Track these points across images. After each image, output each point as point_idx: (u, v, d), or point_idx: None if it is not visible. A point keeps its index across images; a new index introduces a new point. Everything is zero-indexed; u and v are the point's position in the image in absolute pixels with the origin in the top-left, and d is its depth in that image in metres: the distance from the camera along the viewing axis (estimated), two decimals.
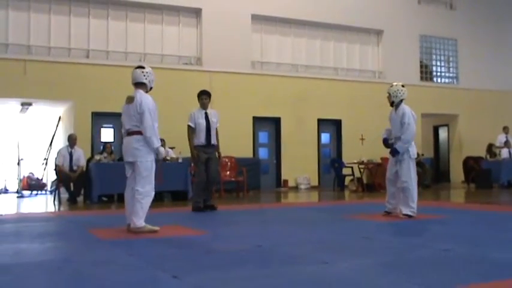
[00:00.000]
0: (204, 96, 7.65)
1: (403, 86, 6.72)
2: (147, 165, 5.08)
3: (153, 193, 5.15)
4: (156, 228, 5.13)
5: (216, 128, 7.65)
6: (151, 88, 5.33)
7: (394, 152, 6.49)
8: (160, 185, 9.59)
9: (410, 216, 6.31)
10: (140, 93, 5.18)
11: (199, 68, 14.08)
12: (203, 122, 7.54)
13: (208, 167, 7.54)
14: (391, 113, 6.74)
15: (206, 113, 7.60)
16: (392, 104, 6.67)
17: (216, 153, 7.66)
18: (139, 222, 5.06)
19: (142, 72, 5.27)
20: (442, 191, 13.89)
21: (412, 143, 6.53)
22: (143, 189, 5.05)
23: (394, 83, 6.83)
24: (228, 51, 14.26)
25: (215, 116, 7.64)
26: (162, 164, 7.40)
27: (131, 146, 5.14)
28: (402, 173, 6.43)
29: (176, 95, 13.14)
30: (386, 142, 6.78)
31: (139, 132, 5.11)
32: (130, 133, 5.17)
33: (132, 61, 13.43)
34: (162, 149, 5.22)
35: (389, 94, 6.65)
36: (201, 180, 7.54)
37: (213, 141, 7.54)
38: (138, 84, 5.26)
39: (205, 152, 7.53)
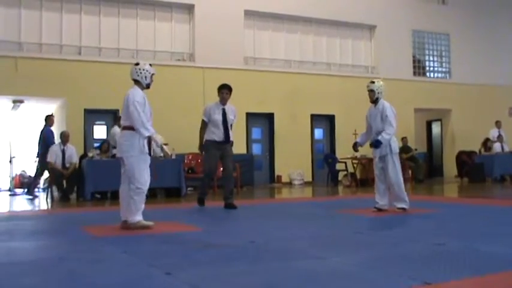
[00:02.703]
0: (224, 91, 7.30)
1: (381, 80, 6.88)
2: (131, 161, 5.07)
3: (145, 188, 5.13)
4: (151, 223, 5.14)
5: (231, 125, 7.39)
6: (148, 85, 5.36)
7: (376, 143, 6.49)
8: (154, 181, 9.83)
9: (405, 209, 6.44)
10: (131, 89, 5.25)
11: (192, 64, 14.07)
12: (219, 117, 7.26)
13: (224, 164, 7.35)
14: (370, 110, 6.77)
15: (224, 109, 7.30)
16: (376, 100, 6.66)
17: (231, 148, 7.44)
18: (132, 217, 5.08)
19: (135, 68, 5.35)
20: (435, 185, 13.96)
21: (393, 137, 6.60)
22: (133, 185, 5.07)
23: (375, 79, 6.86)
24: (220, 47, 14.24)
25: (233, 113, 7.36)
26: (162, 156, 7.22)
27: (119, 142, 5.25)
28: (389, 169, 6.48)
29: (169, 92, 13.13)
30: (355, 146, 6.87)
31: (126, 127, 5.16)
32: (123, 128, 5.26)
33: (125, 58, 13.40)
34: (157, 137, 5.24)
35: (373, 90, 6.64)
36: (207, 174, 7.38)
37: (231, 137, 7.32)
38: (134, 81, 5.34)
39: (219, 148, 7.29)
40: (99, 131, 13.30)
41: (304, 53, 15.92)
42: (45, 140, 10.67)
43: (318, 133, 16.17)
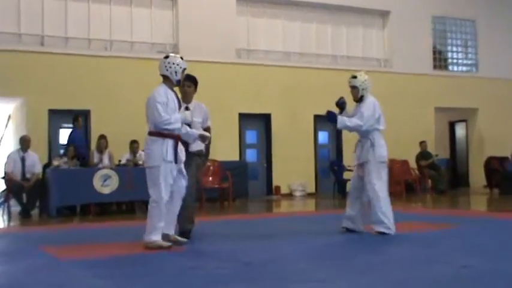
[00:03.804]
0: (186, 83, 6.18)
1: (366, 74, 6.60)
2: (148, 172, 5.30)
3: (161, 204, 5.23)
4: (168, 244, 5.21)
5: (208, 128, 6.39)
6: (179, 81, 5.52)
7: (329, 114, 6.31)
8: (132, 193, 9.78)
9: (385, 234, 6.05)
10: (155, 89, 5.47)
11: None
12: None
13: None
14: (355, 108, 6.52)
15: (188, 109, 6.23)
16: (360, 99, 6.44)
17: (197, 162, 6.29)
18: (148, 236, 5.19)
19: (164, 62, 5.49)
20: (460, 197, 13.98)
21: (380, 141, 6.35)
22: (150, 198, 5.27)
23: (358, 73, 6.56)
24: (209, 37, 14.22)
25: (201, 113, 6.33)
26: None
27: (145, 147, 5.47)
28: (368, 180, 6.21)
29: (149, 89, 13.02)
30: (339, 101, 6.64)
31: (150, 133, 5.36)
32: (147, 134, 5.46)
33: (96, 49, 13.35)
34: (187, 114, 5.42)
35: (357, 87, 6.44)
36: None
37: (194, 147, 6.13)
38: (163, 77, 5.52)
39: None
40: (67, 135, 13.23)
41: (306, 44, 15.88)
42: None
43: (323, 137, 16.12)
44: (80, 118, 11.54)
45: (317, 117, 15.54)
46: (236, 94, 14.44)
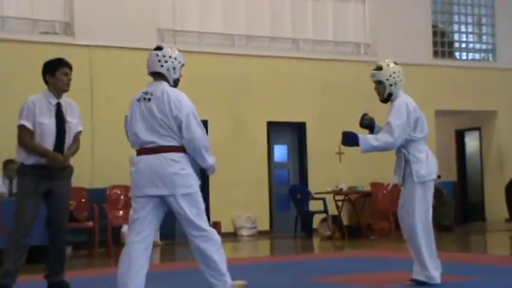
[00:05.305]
0: (63, 69, 6.80)
1: (396, 63, 6.78)
2: (197, 198, 5.54)
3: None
4: None
5: (77, 135, 6.89)
6: (176, 81, 5.84)
7: (345, 137, 6.58)
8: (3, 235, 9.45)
9: (422, 283, 6.32)
10: (167, 87, 5.63)
11: (69, 41, 13.87)
12: (51, 121, 6.73)
13: (51, 210, 6.82)
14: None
15: (59, 105, 6.79)
16: (388, 98, 6.67)
17: (66, 181, 6.91)
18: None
19: (158, 55, 5.73)
20: (473, 235, 14.08)
21: (423, 155, 6.60)
22: (203, 232, 5.49)
23: (384, 63, 6.74)
24: (118, 13, 14.14)
25: (74, 112, 6.87)
26: None
27: (165, 170, 5.46)
28: (405, 208, 6.53)
29: (30, 83, 12.59)
30: (363, 118, 6.94)
31: (175, 148, 5.50)
32: (156, 149, 5.50)
33: None
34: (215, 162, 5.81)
35: (382, 82, 6.64)
36: (20, 228, 6.70)
37: (68, 159, 6.80)
38: (156, 75, 5.75)
39: (47, 177, 6.72)
40: None
41: (256, 24, 15.91)
42: None
43: (280, 152, 16.22)
44: None
45: (272, 125, 15.42)
46: None
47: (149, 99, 5.55)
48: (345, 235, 13.39)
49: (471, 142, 19.30)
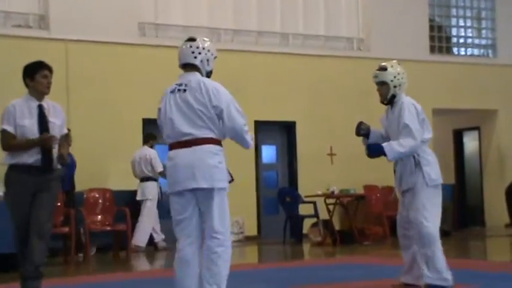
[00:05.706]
0: (43, 72, 6.94)
1: (399, 64, 6.96)
2: (224, 196, 5.67)
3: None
4: None
5: (64, 137, 7.03)
6: (209, 74, 6.02)
7: (370, 149, 6.73)
8: None
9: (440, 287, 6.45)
10: (202, 78, 5.82)
11: (43, 35, 13.81)
12: (32, 122, 6.90)
13: (34, 211, 6.86)
14: (387, 114, 6.92)
15: (41, 107, 6.98)
16: (392, 99, 6.78)
17: (55, 183, 7.07)
18: None
19: (191, 47, 5.89)
20: (472, 241, 14.08)
21: (430, 158, 6.69)
22: (224, 237, 5.56)
23: (388, 63, 6.88)
24: (95, 6, 14.07)
25: (58, 114, 7.08)
26: None
27: (204, 163, 5.61)
28: (414, 211, 6.55)
29: (3, 81, 12.62)
30: (359, 126, 6.98)
31: (213, 141, 5.66)
32: (193, 142, 5.62)
33: None
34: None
35: (387, 83, 6.74)
36: (19, 232, 6.88)
37: (54, 161, 6.93)
38: (188, 67, 5.89)
39: (34, 181, 6.86)
40: None
41: (243, 18, 15.92)
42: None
43: (268, 153, 16.23)
44: None
45: (260, 124, 15.41)
46: (137, 89, 14.19)
47: (184, 90, 5.68)
48: (336, 241, 13.34)
49: (470, 142, 19.32)
